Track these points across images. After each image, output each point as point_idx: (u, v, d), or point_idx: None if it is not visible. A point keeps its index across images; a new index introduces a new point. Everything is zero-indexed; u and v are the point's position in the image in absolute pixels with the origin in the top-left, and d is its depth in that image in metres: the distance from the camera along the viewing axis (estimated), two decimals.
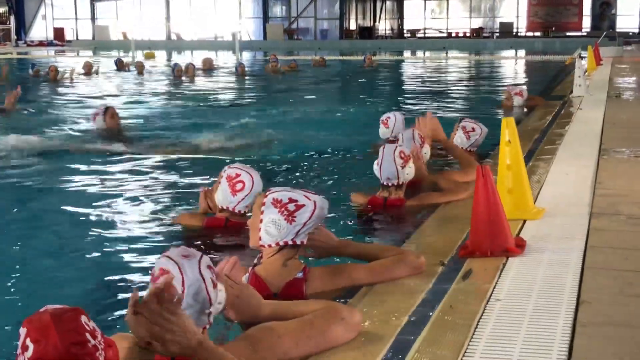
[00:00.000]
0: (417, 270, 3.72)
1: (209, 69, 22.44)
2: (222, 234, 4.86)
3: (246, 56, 32.16)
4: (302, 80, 20.25)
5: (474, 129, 7.10)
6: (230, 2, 51.63)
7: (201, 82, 19.48)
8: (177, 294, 2.38)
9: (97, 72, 21.58)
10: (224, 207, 4.87)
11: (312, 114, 12.66)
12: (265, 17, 51.15)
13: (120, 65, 23.04)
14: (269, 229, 3.54)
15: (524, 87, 13.13)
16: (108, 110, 10.01)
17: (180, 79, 20.03)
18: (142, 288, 4.04)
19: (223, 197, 4.84)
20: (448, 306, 3.32)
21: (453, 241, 4.31)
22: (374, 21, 54.73)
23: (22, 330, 2.15)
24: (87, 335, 2.17)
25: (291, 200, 3.53)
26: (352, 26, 51.81)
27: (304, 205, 3.52)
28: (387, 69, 26.96)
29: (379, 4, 55.21)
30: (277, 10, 52.65)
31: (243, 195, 4.80)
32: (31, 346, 2.12)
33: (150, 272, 2.63)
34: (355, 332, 2.98)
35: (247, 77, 20.84)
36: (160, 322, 2.28)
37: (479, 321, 3.15)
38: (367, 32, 50.65)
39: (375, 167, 5.39)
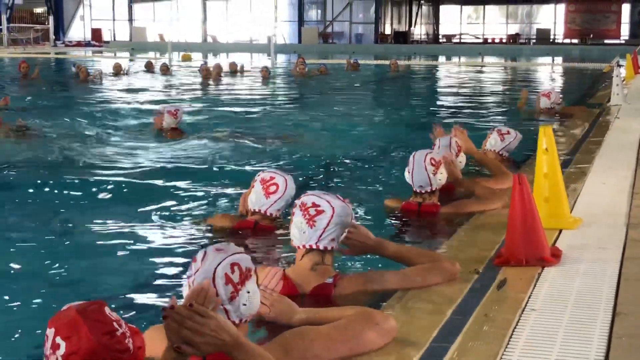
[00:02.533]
0: (452, 277, 3.71)
1: (235, 71, 22.57)
2: (251, 236, 4.89)
3: (281, 59, 32.22)
4: (331, 84, 20.23)
5: (508, 132, 7.10)
6: (266, 6, 51.94)
7: (227, 84, 19.53)
8: (212, 297, 2.43)
9: (126, 73, 21.85)
10: (256, 210, 4.90)
11: (343, 118, 12.64)
12: (301, 21, 51.28)
13: (149, 67, 23.33)
14: (294, 231, 3.62)
15: (554, 89, 13.06)
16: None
17: (206, 79, 20.16)
18: (171, 287, 4.11)
19: (256, 199, 4.88)
20: (482, 315, 3.31)
21: (488, 249, 4.30)
22: (409, 26, 54.58)
23: (50, 331, 2.21)
24: (114, 324, 2.24)
25: (314, 205, 3.58)
26: (387, 30, 51.72)
27: (323, 210, 3.55)
28: (421, 74, 26.88)
29: (414, 9, 55.08)
30: (313, 14, 52.77)
31: (276, 198, 4.84)
32: (63, 343, 2.17)
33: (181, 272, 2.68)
34: (389, 338, 2.99)
35: (272, 80, 20.87)
36: (189, 325, 2.31)
37: (513, 331, 3.14)
38: (402, 37, 50.53)
39: (407, 174, 5.37)
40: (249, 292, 2.67)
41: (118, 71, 21.68)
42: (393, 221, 5.40)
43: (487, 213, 5.26)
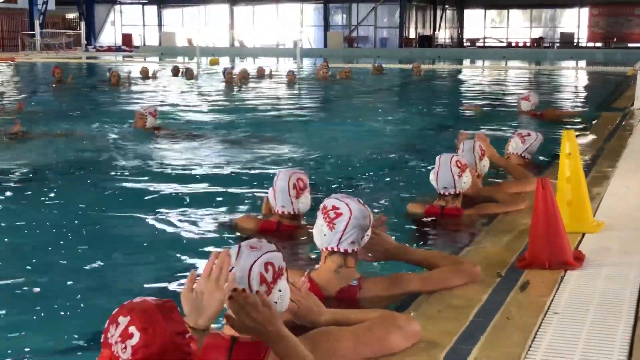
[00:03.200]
0: (473, 279, 3.74)
1: (262, 76, 22.67)
2: (273, 236, 4.85)
3: (306, 63, 32.29)
4: (355, 87, 20.22)
5: (529, 134, 7.10)
6: (293, 11, 52.12)
7: (251, 88, 19.62)
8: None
9: (154, 77, 22.07)
10: (278, 210, 4.90)
11: (367, 121, 12.65)
12: (326, 25, 51.37)
13: (175, 72, 23.56)
14: (315, 233, 3.67)
15: (532, 92, 13.26)
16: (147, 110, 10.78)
17: (230, 83, 20.30)
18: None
19: (276, 198, 4.89)
20: (505, 317, 3.33)
21: (511, 252, 4.32)
22: (434, 30, 54.47)
23: (123, 319, 2.15)
24: (185, 325, 2.25)
25: (333, 208, 3.60)
26: (412, 35, 51.63)
27: (342, 213, 3.57)
28: (445, 78, 26.80)
29: (439, 13, 54.94)
30: (338, 18, 52.84)
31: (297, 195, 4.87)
32: (137, 334, 2.13)
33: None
34: (412, 340, 3.02)
35: (298, 85, 20.93)
36: (248, 308, 2.50)
37: (535, 334, 3.17)
38: (426, 41, 50.44)
39: (432, 176, 5.38)
40: (280, 291, 2.72)
41: (145, 75, 21.92)
42: (416, 225, 5.41)
43: (509, 216, 5.26)
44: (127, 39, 51.32)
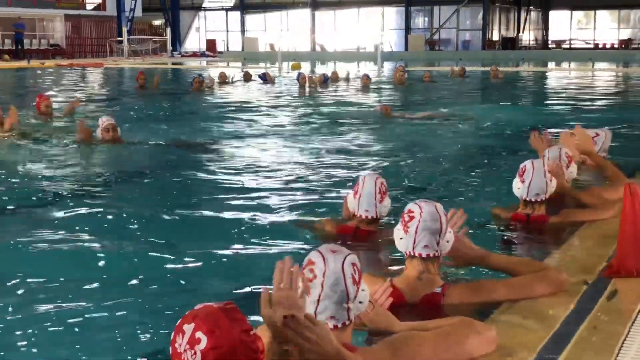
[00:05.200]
0: (559, 287, 3.66)
1: (335, 80, 22.77)
2: (351, 241, 4.85)
3: (387, 67, 32.24)
4: (434, 91, 20.08)
5: (597, 134, 6.88)
6: (374, 14, 52.19)
7: (326, 92, 19.68)
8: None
9: (231, 81, 22.47)
10: (357, 213, 4.86)
11: (444, 125, 12.60)
12: (407, 29, 51.26)
13: (248, 77, 23.92)
14: (395, 236, 3.67)
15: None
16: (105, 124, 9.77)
17: (304, 87, 20.47)
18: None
19: (353, 201, 4.86)
20: (592, 326, 3.29)
21: (598, 259, 4.24)
22: (518, 32, 53.64)
23: (188, 326, 2.22)
24: (249, 323, 2.30)
25: (409, 211, 3.60)
26: (495, 37, 51.00)
27: (414, 217, 3.56)
28: (528, 80, 26.37)
29: (523, 14, 54.09)
30: (419, 21, 52.65)
31: (358, 197, 4.81)
32: (204, 338, 2.19)
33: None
34: (491, 347, 3.01)
35: (374, 88, 20.89)
36: (303, 333, 2.48)
37: (623, 343, 3.12)
38: (510, 43, 49.73)
39: (520, 184, 5.20)
40: (363, 290, 2.80)
41: (223, 80, 22.36)
42: (500, 230, 5.34)
43: (597, 223, 5.14)
44: (211, 44, 52.36)
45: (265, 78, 22.75)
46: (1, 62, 36.24)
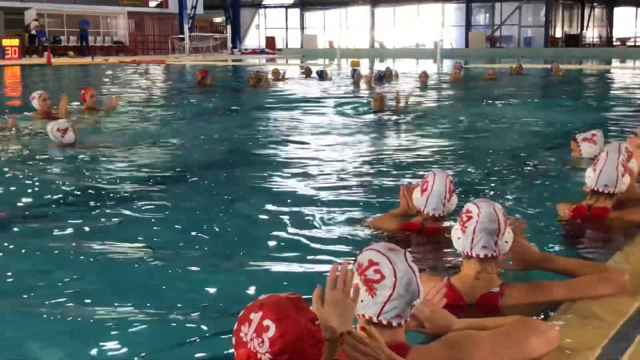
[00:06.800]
0: (621, 288, 3.60)
1: (389, 77, 22.69)
2: (416, 238, 4.83)
3: (447, 64, 31.99)
4: (492, 88, 19.82)
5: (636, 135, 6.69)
6: (434, 11, 51.88)
7: (380, 89, 19.63)
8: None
9: (284, 78, 22.63)
10: (421, 210, 4.84)
11: (504, 122, 12.48)
12: (468, 25, 50.81)
13: (308, 73, 24.03)
14: (453, 236, 3.66)
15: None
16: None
17: (359, 85, 20.46)
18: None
19: (437, 199, 4.79)
20: None
21: None
22: (581, 29, 52.70)
23: (255, 315, 2.25)
24: (314, 313, 2.34)
25: (467, 211, 3.59)
26: (558, 34, 50.20)
27: (472, 217, 3.55)
28: (592, 78, 25.85)
29: (587, 11, 53.12)
30: (480, 18, 52.14)
31: (426, 195, 4.77)
32: (272, 325, 2.22)
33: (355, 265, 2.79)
34: (552, 346, 2.97)
35: (430, 86, 20.73)
36: (360, 347, 2.53)
37: None
38: (573, 40, 48.90)
39: (592, 173, 5.07)
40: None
41: (276, 76, 22.55)
42: (562, 227, 5.25)
43: None
44: (270, 41, 52.76)
45: (323, 75, 22.84)
46: (66, 59, 37.14)
